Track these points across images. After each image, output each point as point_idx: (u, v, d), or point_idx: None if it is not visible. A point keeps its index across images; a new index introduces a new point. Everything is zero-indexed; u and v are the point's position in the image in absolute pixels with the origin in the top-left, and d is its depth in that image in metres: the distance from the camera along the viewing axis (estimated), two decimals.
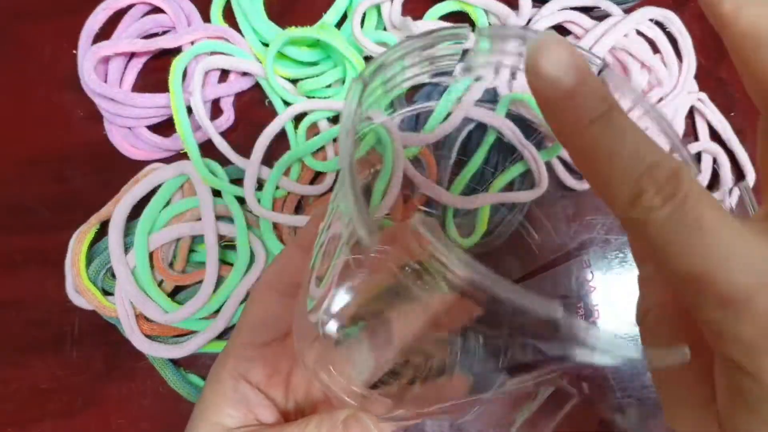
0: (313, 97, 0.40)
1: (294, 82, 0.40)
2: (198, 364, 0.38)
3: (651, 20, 0.40)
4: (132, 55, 0.41)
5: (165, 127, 0.40)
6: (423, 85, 0.40)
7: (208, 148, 0.39)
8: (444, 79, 0.39)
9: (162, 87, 0.39)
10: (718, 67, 0.43)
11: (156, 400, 0.38)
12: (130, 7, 0.41)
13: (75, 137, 0.41)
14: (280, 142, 0.39)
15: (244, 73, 0.41)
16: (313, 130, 0.40)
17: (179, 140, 0.38)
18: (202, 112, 0.38)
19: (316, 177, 0.40)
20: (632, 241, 0.19)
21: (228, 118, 0.40)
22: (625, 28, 0.39)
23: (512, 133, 0.39)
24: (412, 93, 0.41)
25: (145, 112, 0.39)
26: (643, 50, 0.39)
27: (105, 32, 0.41)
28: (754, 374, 0.15)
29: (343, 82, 0.39)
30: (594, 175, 0.16)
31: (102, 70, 0.40)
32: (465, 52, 0.20)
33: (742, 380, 0.16)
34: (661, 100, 0.40)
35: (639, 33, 0.40)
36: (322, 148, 0.39)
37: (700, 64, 0.42)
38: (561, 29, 0.41)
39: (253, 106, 0.41)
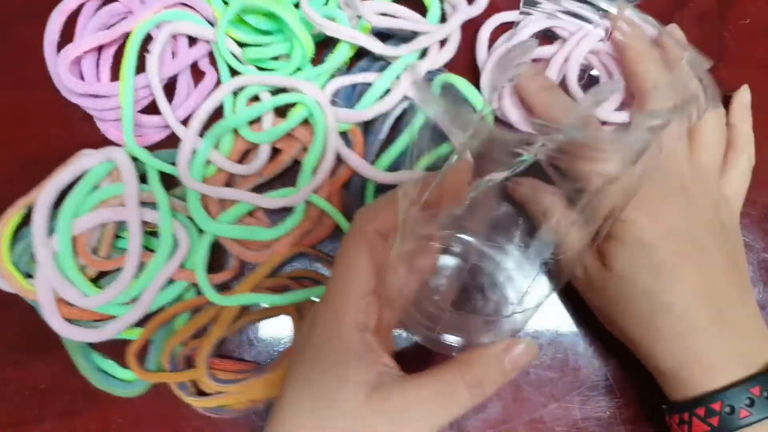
0: (259, 68, 0.40)
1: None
2: (115, 350, 0.38)
3: None
4: (100, 50, 0.41)
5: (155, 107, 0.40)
6: (362, 56, 0.40)
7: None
8: (389, 53, 0.39)
9: (139, 70, 0.39)
10: (717, 67, 0.42)
11: (156, 400, 0.38)
12: (81, 6, 0.41)
13: (74, 137, 0.41)
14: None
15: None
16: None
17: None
18: (155, 80, 0.39)
19: (246, 156, 0.40)
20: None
21: (212, 78, 0.41)
22: (600, 33, 0.38)
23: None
24: (352, 64, 0.41)
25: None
26: None
27: (67, 37, 0.41)
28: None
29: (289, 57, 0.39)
30: None
31: (76, 71, 0.40)
32: None
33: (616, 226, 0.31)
34: None
35: None
36: (258, 120, 0.39)
37: None
38: (551, 32, 0.41)
39: None
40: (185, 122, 0.39)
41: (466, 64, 0.42)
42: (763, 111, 0.41)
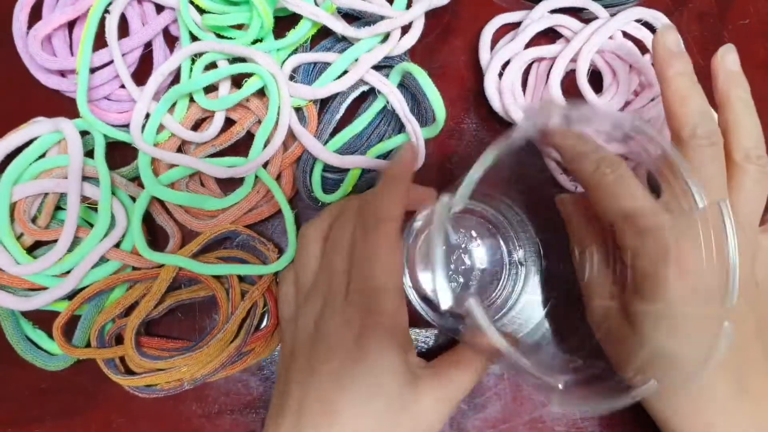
0: (219, 36, 0.39)
1: None
2: (47, 322, 0.38)
3: (639, 21, 0.40)
4: (72, 32, 0.41)
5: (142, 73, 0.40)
6: (327, 35, 0.40)
7: None
8: (351, 34, 0.38)
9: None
10: None
11: (156, 399, 0.38)
12: None
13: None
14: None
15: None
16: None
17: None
18: (114, 41, 0.39)
19: (200, 126, 0.40)
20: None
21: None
22: (610, 29, 0.38)
23: (398, 103, 0.38)
24: (317, 42, 0.40)
25: (109, 71, 0.40)
26: (632, 54, 0.39)
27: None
28: (652, 274, 0.27)
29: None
30: None
31: (50, 53, 0.40)
32: None
33: (644, 280, 0.28)
34: (653, 99, 0.40)
35: (628, 36, 0.40)
36: (214, 90, 0.39)
37: (700, 65, 0.41)
38: (552, 32, 0.41)
39: None
40: None
41: (469, 65, 0.42)
42: (764, 112, 0.41)
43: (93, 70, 0.39)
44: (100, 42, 0.39)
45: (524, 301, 0.38)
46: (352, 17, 0.39)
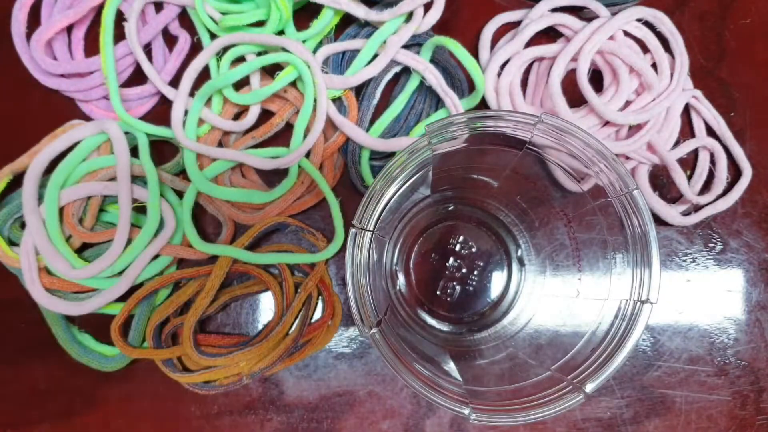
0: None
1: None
2: (93, 324, 0.38)
3: (640, 20, 0.39)
4: (70, 33, 0.41)
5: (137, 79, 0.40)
6: (350, 23, 0.40)
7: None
8: (374, 18, 0.38)
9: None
10: (719, 67, 0.42)
11: (155, 400, 0.38)
12: None
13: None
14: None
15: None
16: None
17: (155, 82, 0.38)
18: (136, 46, 0.38)
19: (237, 118, 0.40)
20: None
21: (186, 39, 0.40)
22: (611, 28, 0.38)
23: (435, 78, 0.38)
24: (340, 33, 0.40)
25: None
26: (633, 54, 0.39)
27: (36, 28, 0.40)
28: None
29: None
30: None
31: (50, 56, 0.40)
32: None
33: None
34: (654, 99, 0.40)
35: (629, 35, 0.40)
36: (247, 83, 0.39)
37: (701, 64, 0.42)
38: (553, 32, 0.41)
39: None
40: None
41: None
42: (764, 111, 0.41)
43: (91, 72, 0.39)
44: (96, 42, 0.39)
45: (524, 302, 0.38)
46: (371, 2, 0.39)
